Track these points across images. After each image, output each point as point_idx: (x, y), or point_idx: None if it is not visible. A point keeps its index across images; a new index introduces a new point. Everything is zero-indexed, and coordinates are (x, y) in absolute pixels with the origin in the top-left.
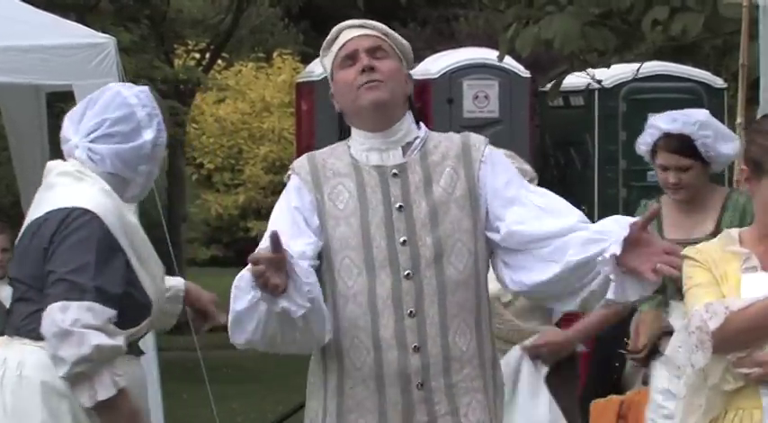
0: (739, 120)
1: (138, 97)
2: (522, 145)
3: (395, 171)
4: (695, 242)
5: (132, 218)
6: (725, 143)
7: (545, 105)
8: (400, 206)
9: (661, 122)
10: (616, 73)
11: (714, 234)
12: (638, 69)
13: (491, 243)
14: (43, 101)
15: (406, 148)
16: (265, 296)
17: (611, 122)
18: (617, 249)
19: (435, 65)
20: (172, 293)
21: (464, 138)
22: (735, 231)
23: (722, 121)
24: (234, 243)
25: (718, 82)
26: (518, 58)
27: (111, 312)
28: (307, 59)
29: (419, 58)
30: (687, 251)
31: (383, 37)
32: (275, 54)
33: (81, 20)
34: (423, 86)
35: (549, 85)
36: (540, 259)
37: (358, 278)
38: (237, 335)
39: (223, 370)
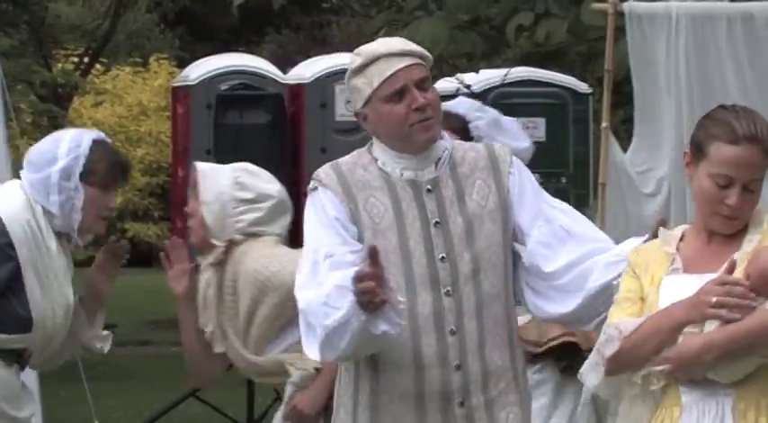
0: (604, 124)
1: (76, 134)
2: None
3: (429, 187)
4: None
5: (51, 244)
6: (503, 136)
7: None
8: (437, 222)
9: (450, 103)
10: (485, 78)
11: None
12: (505, 75)
13: (515, 255)
14: None
15: (437, 161)
16: (369, 318)
17: None
18: None
19: (309, 70)
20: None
21: (488, 148)
22: (679, 229)
23: (588, 125)
24: None
25: (583, 87)
26: None
27: None
28: (182, 64)
29: (293, 62)
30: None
31: (423, 62)
32: (152, 59)
33: None
34: (297, 91)
35: None
36: (560, 290)
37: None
38: (328, 352)
39: (100, 368)
